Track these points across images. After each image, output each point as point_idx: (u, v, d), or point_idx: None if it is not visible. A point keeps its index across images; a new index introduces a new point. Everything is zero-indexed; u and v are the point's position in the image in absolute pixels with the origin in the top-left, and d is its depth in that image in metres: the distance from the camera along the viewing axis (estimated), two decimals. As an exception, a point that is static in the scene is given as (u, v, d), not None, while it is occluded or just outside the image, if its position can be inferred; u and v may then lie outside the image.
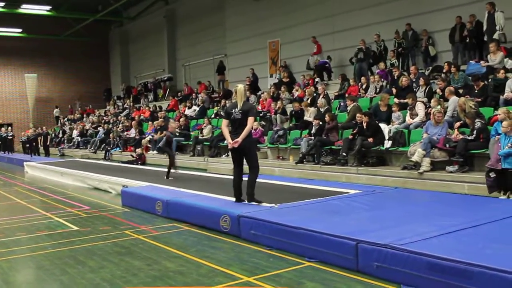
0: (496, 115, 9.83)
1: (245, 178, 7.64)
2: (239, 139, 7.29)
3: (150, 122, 22.55)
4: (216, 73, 25.34)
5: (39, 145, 27.02)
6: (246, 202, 7.58)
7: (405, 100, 12.59)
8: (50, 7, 29.57)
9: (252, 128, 7.59)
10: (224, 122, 7.83)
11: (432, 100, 11.70)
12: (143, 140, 20.23)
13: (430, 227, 5.52)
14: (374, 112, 12.95)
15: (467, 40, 14.36)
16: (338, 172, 11.81)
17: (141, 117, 24.77)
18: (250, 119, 7.39)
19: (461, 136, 9.99)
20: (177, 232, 7.36)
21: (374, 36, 16.94)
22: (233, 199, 7.75)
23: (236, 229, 6.73)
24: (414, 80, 13.67)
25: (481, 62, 13.05)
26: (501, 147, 8.05)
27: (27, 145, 27.04)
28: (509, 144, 7.88)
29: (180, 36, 30.80)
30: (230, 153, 8.02)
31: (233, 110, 7.54)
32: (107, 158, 21.90)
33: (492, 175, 8.14)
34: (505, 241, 4.98)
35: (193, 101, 23.22)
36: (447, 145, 10.14)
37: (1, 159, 25.91)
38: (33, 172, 18.31)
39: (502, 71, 11.57)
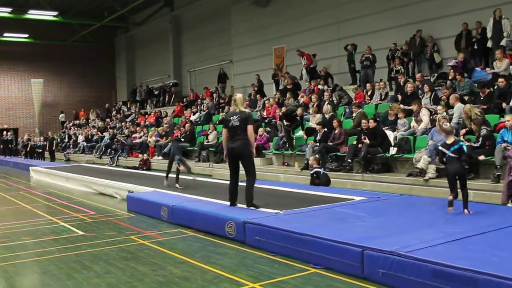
0: (502, 122, 9.81)
1: (242, 184, 7.76)
2: (252, 149, 7.71)
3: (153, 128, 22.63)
4: (217, 82, 25.46)
5: (45, 150, 27.32)
6: (245, 207, 7.64)
7: (411, 107, 12.59)
8: (57, 13, 29.77)
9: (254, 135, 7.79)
10: (224, 132, 7.94)
11: (439, 107, 11.69)
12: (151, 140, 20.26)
13: (435, 234, 5.51)
14: (382, 120, 12.97)
15: (474, 47, 14.34)
16: (344, 178, 11.81)
17: (146, 123, 24.84)
18: (250, 128, 7.59)
19: (467, 143, 9.96)
20: (182, 237, 7.37)
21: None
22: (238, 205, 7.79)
23: (241, 235, 6.73)
24: (419, 87, 13.66)
25: (487, 69, 13.04)
26: None
27: (40, 151, 27.30)
28: None
29: (186, 42, 30.93)
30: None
31: (231, 117, 7.68)
32: (111, 163, 21.93)
33: None
34: (512, 249, 4.96)
35: (198, 107, 23.28)
36: (453, 152, 10.10)
37: (7, 164, 25.94)
38: (38, 176, 18.36)
39: (501, 79, 11.42)
